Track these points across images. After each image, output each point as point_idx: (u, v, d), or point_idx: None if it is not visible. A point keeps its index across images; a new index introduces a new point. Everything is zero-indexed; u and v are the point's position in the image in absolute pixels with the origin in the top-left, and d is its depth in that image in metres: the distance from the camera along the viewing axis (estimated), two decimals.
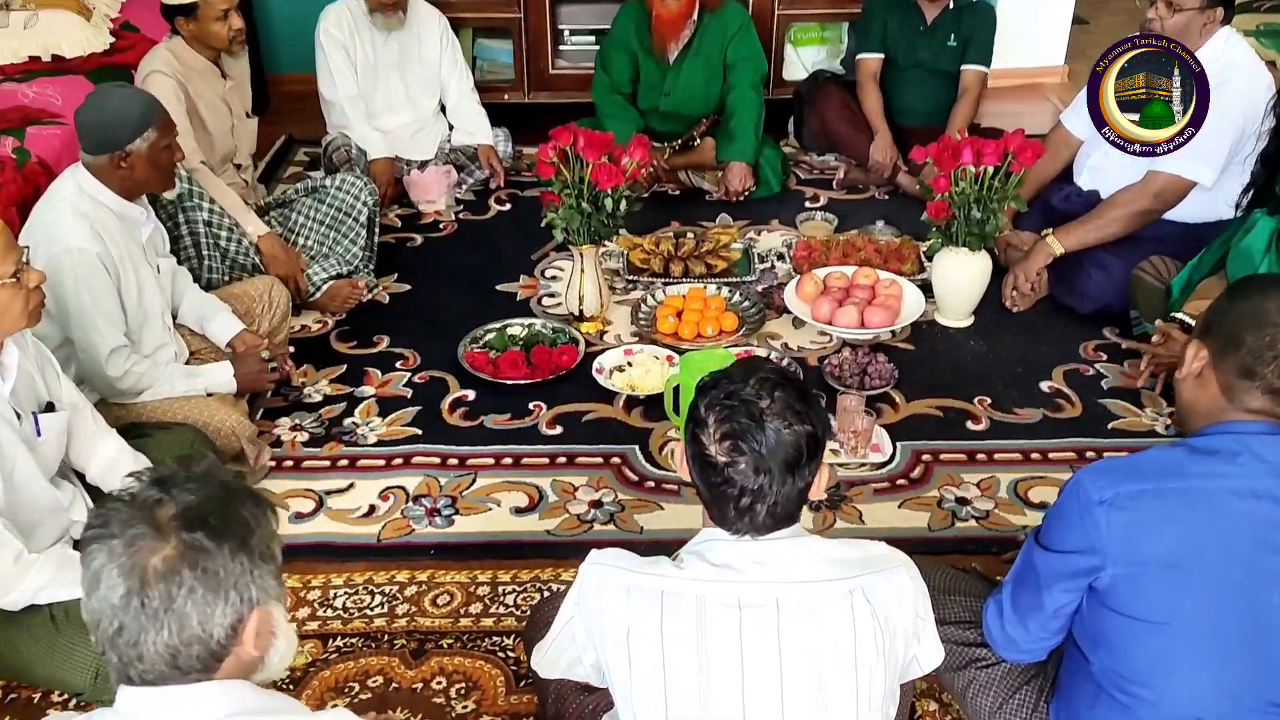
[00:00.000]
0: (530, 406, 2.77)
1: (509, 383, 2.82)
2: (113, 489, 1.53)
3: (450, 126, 3.96)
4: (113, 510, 1.12)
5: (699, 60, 3.75)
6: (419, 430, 2.70)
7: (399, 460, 2.60)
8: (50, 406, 2.02)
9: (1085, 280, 3.07)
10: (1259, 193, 2.56)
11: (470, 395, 2.82)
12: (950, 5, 3.76)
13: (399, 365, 2.96)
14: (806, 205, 3.84)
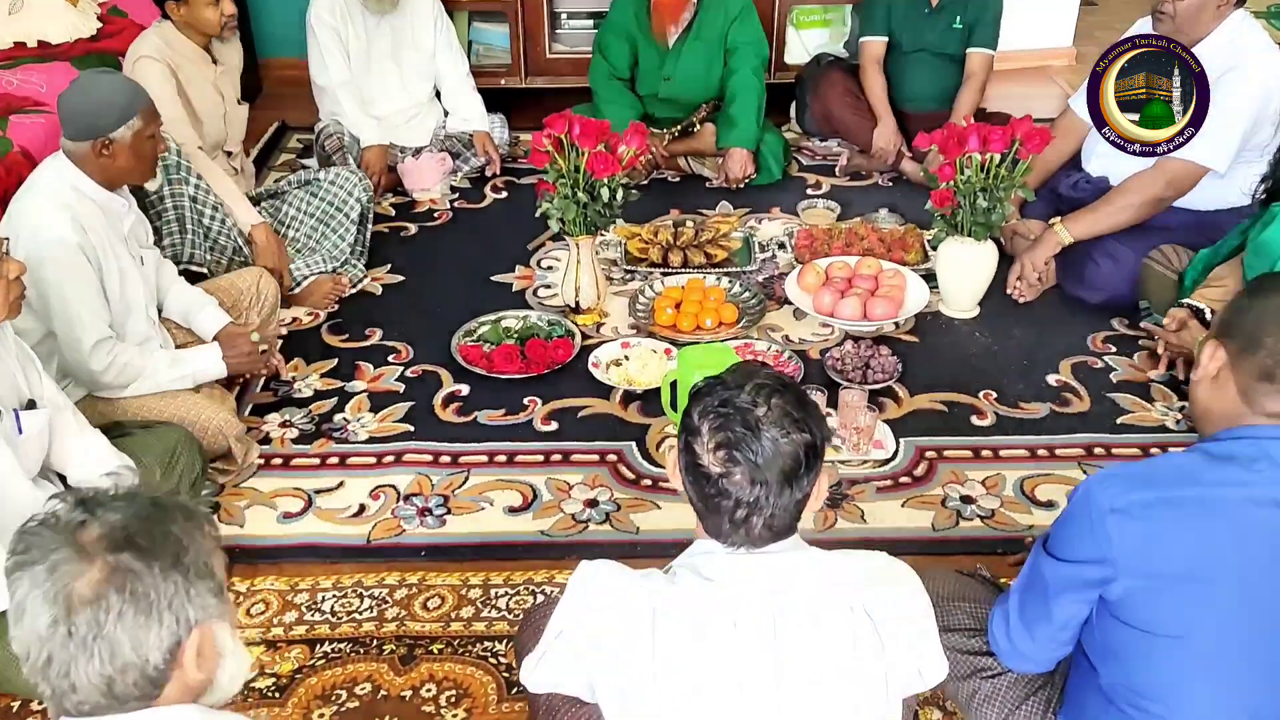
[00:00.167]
0: (525, 402, 2.71)
1: (503, 377, 2.76)
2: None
3: (445, 113, 3.88)
4: (34, 535, 1.07)
5: (699, 44, 3.68)
6: (411, 426, 2.64)
7: (390, 457, 2.54)
8: (31, 404, 1.96)
9: (1094, 270, 3.00)
10: (1278, 183, 2.48)
11: (464, 390, 2.76)
12: None
13: (391, 359, 2.89)
14: (808, 192, 3.77)
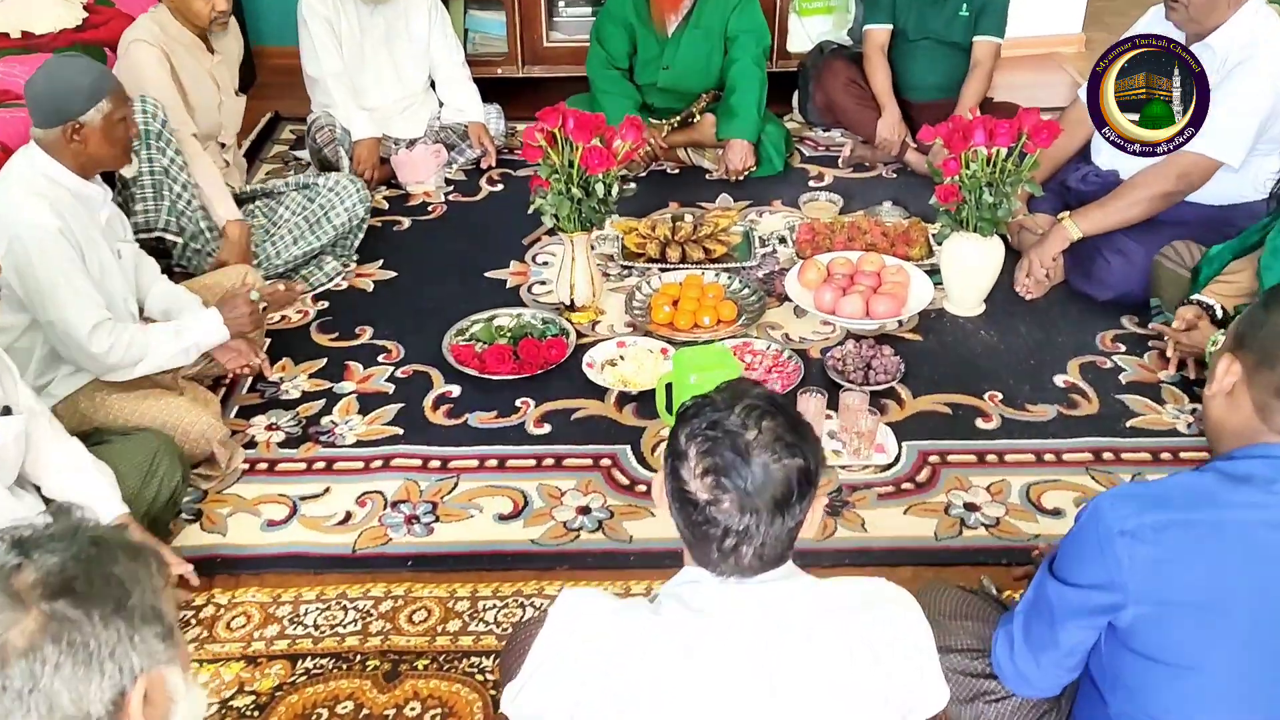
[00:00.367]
0: (517, 403, 2.64)
1: (495, 378, 2.69)
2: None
3: (440, 103, 3.80)
4: None
5: (699, 33, 3.60)
6: (400, 429, 2.57)
7: (378, 462, 2.47)
8: (7, 410, 1.90)
9: (1104, 266, 2.92)
10: None
11: (455, 391, 2.69)
12: None
13: (381, 359, 2.82)
14: (810, 184, 3.69)
